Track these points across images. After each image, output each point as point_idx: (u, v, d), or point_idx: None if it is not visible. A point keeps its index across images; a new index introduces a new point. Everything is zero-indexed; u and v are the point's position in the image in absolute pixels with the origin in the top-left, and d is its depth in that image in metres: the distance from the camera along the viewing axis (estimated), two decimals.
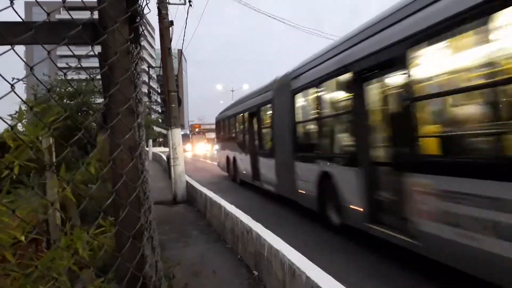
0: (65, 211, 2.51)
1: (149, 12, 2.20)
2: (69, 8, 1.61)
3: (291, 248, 3.74)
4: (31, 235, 1.59)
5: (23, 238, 1.44)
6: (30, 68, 1.44)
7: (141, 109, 2.09)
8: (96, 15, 1.90)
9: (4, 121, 1.24)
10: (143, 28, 2.15)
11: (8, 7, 1.36)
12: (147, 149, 28.54)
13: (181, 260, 4.86)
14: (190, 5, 10.75)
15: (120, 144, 1.81)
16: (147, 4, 2.16)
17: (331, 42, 7.31)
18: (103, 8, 1.84)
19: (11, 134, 1.28)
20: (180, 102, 11.10)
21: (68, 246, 1.58)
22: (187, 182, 10.62)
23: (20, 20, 1.63)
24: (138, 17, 2.07)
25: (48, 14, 1.53)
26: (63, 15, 49.76)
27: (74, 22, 1.69)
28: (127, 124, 1.88)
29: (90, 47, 1.81)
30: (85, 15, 1.70)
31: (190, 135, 60.31)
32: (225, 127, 15.82)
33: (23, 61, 1.49)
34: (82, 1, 1.56)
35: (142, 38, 2.12)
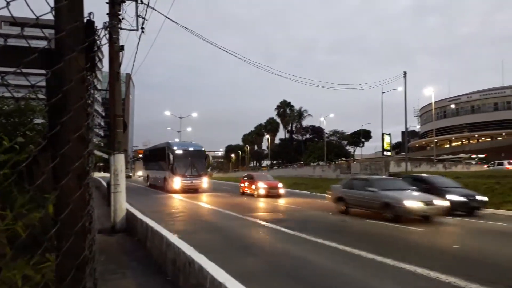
0: None
1: (106, 44, 2.24)
2: (27, 33, 1.61)
3: (234, 280, 3.75)
4: None
5: None
6: None
7: (91, 136, 2.09)
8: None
9: None
10: (99, 58, 2.18)
11: None
12: None
13: None
14: (143, 32, 10.75)
15: (70, 171, 1.79)
16: (105, 35, 2.21)
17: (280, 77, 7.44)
18: (61, 36, 1.86)
19: None
20: (125, 127, 10.86)
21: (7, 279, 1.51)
22: (127, 210, 10.24)
23: None
24: (95, 47, 2.11)
25: (5, 40, 1.54)
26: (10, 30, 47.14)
27: (30, 48, 1.71)
28: (77, 151, 1.87)
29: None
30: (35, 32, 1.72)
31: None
32: None
33: None
34: (42, 31, 1.58)
35: (97, 68, 2.15)
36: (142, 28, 10.60)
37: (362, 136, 78.26)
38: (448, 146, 78.39)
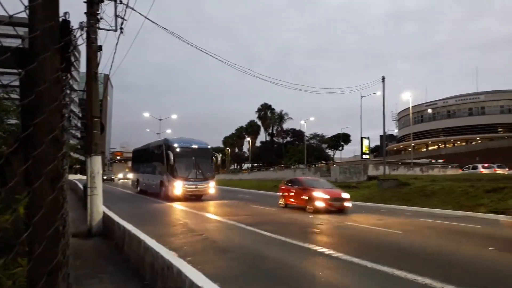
0: None
1: (82, 44, 2.20)
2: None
3: (213, 283, 3.73)
4: None
5: None
6: None
7: (66, 138, 2.05)
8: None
9: None
10: (76, 58, 2.15)
11: None
12: None
13: None
14: (122, 32, 10.61)
15: (43, 174, 1.75)
16: (81, 35, 2.16)
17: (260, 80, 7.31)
18: (35, 35, 1.82)
19: None
20: (103, 128, 10.68)
21: None
22: (104, 213, 10.06)
23: None
24: (71, 47, 2.07)
25: None
26: None
27: (3, 47, 1.66)
28: (51, 153, 1.83)
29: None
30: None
31: None
32: None
33: None
34: (15, 30, 1.54)
35: (73, 68, 2.11)
36: (121, 28, 10.47)
37: (341, 139, 79.26)
38: (425, 150, 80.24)
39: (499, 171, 35.05)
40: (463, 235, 10.59)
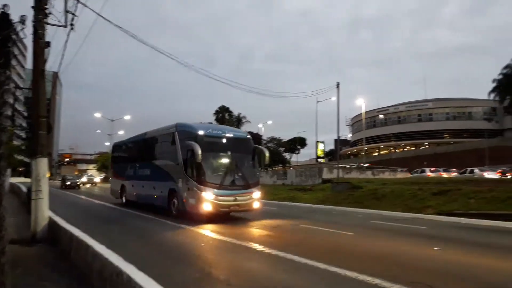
0: None
1: (25, 38, 2.06)
2: None
3: None
4: None
5: None
6: None
7: (4, 138, 1.91)
8: None
9: None
10: (22, 53, 2.01)
11: None
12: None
13: None
14: (72, 29, 10.12)
15: None
16: (22, 29, 2.03)
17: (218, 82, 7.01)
18: None
19: None
20: (50, 128, 10.15)
21: None
22: (50, 218, 9.54)
23: None
24: (11, 42, 1.94)
25: None
26: None
27: None
28: None
29: None
30: None
31: None
32: None
33: None
34: None
35: (12, 64, 1.98)
36: (72, 24, 9.98)
37: (298, 143, 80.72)
38: (377, 154, 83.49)
39: (444, 174, 37.21)
40: (411, 236, 11.08)
